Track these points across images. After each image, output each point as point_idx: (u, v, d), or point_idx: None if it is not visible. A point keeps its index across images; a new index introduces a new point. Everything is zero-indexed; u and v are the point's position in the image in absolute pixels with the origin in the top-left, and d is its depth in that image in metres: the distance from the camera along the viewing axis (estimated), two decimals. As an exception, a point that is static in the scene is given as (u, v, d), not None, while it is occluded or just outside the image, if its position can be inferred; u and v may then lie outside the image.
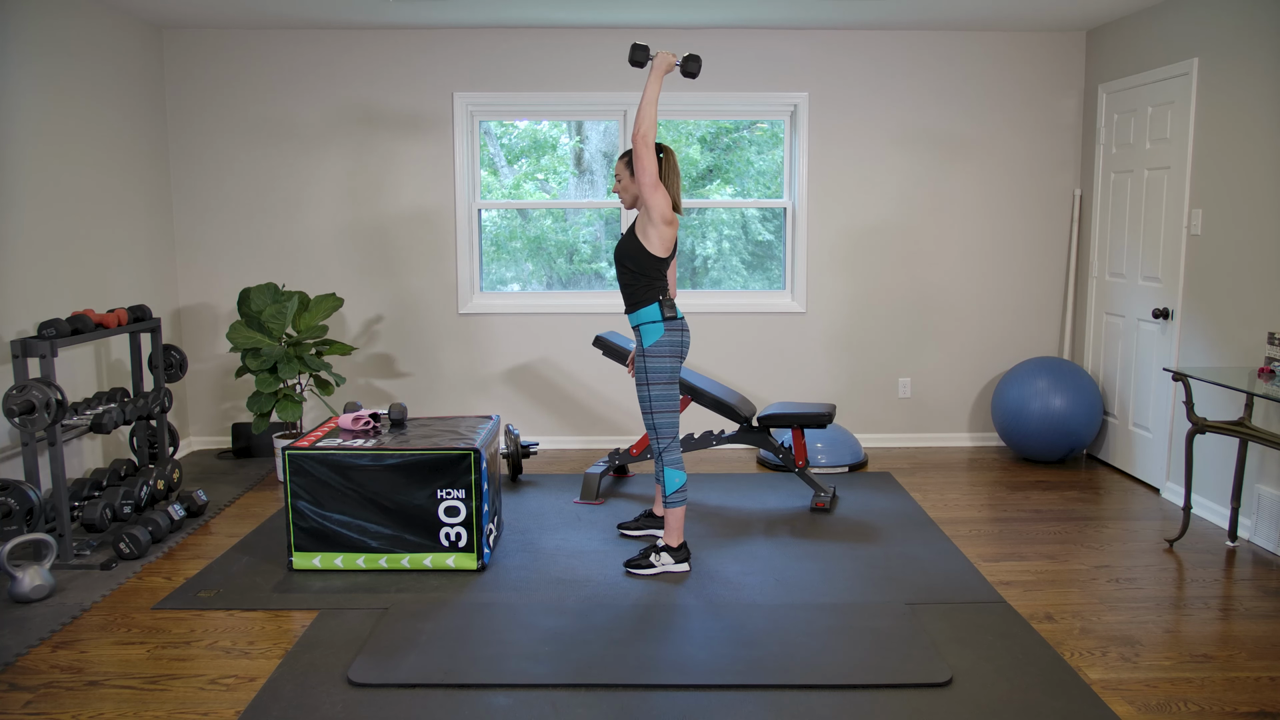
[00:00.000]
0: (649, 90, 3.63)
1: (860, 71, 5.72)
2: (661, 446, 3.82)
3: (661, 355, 3.78)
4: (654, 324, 3.78)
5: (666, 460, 3.81)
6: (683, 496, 3.82)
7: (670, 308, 3.80)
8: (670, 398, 3.82)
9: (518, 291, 6.09)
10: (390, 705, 2.82)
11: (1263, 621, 3.40)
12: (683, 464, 3.83)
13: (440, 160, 5.74)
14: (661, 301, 3.79)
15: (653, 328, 3.78)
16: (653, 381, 3.79)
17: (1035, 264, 5.88)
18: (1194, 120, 4.67)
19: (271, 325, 5.10)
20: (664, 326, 3.77)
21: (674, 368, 3.81)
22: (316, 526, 3.84)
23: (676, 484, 3.80)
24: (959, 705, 2.81)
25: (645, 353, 3.78)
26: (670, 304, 3.80)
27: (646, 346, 3.78)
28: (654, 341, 3.77)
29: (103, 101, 4.98)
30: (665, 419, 3.81)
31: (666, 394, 3.81)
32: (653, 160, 3.63)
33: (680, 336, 3.81)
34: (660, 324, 3.77)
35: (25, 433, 3.95)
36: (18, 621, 3.40)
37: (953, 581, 3.75)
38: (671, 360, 3.80)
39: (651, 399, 3.80)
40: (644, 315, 3.79)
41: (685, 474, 3.83)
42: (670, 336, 3.78)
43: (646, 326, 3.78)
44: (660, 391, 3.79)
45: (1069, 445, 5.37)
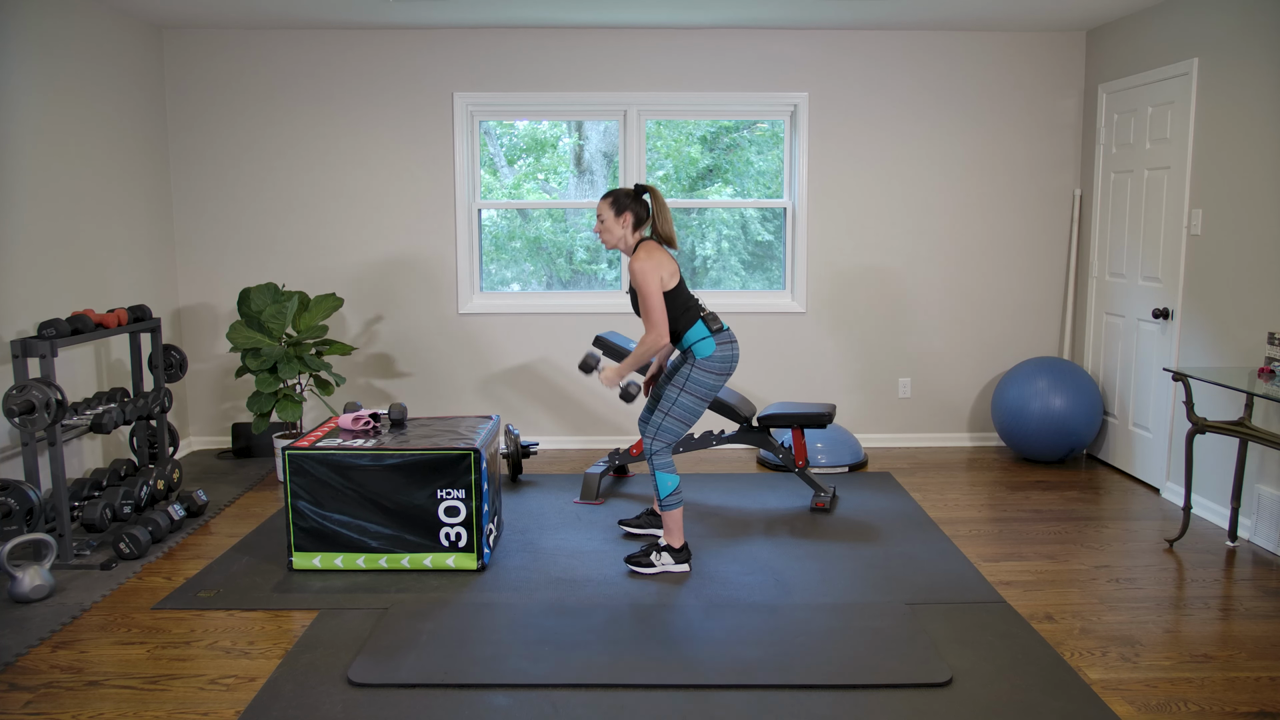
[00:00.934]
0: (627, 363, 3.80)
1: (860, 71, 5.72)
2: (655, 448, 3.80)
3: (711, 370, 3.76)
4: (704, 340, 3.76)
5: (657, 463, 3.80)
6: (678, 499, 3.81)
7: (714, 320, 3.79)
8: (693, 412, 3.80)
9: (517, 291, 6.09)
10: (390, 705, 2.82)
11: (1263, 621, 3.40)
12: (673, 466, 3.81)
13: (440, 160, 5.74)
14: (704, 318, 3.79)
15: (704, 344, 3.76)
16: (688, 390, 3.77)
17: (1035, 264, 5.88)
18: (1194, 120, 4.67)
19: (271, 325, 5.10)
20: (714, 340, 3.77)
21: (716, 386, 3.80)
22: (316, 526, 3.84)
23: (670, 487, 3.79)
24: (959, 705, 2.81)
25: (696, 364, 3.76)
26: (713, 316, 3.80)
27: (699, 359, 3.76)
28: (707, 355, 3.76)
29: (103, 101, 4.98)
30: (675, 424, 3.80)
31: (693, 407, 3.79)
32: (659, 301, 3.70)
33: (731, 350, 3.79)
34: (710, 338, 3.77)
35: (25, 433, 3.95)
36: (18, 621, 3.40)
37: (953, 581, 3.75)
38: (717, 378, 3.79)
39: (675, 403, 3.77)
40: (692, 337, 3.77)
41: (677, 476, 3.82)
42: (722, 351, 3.77)
43: (698, 344, 3.77)
44: (689, 401, 3.78)
45: (1069, 445, 5.37)
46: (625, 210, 3.76)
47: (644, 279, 3.64)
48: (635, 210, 3.76)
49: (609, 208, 3.77)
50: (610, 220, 3.77)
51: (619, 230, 3.77)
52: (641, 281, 3.65)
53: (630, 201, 3.76)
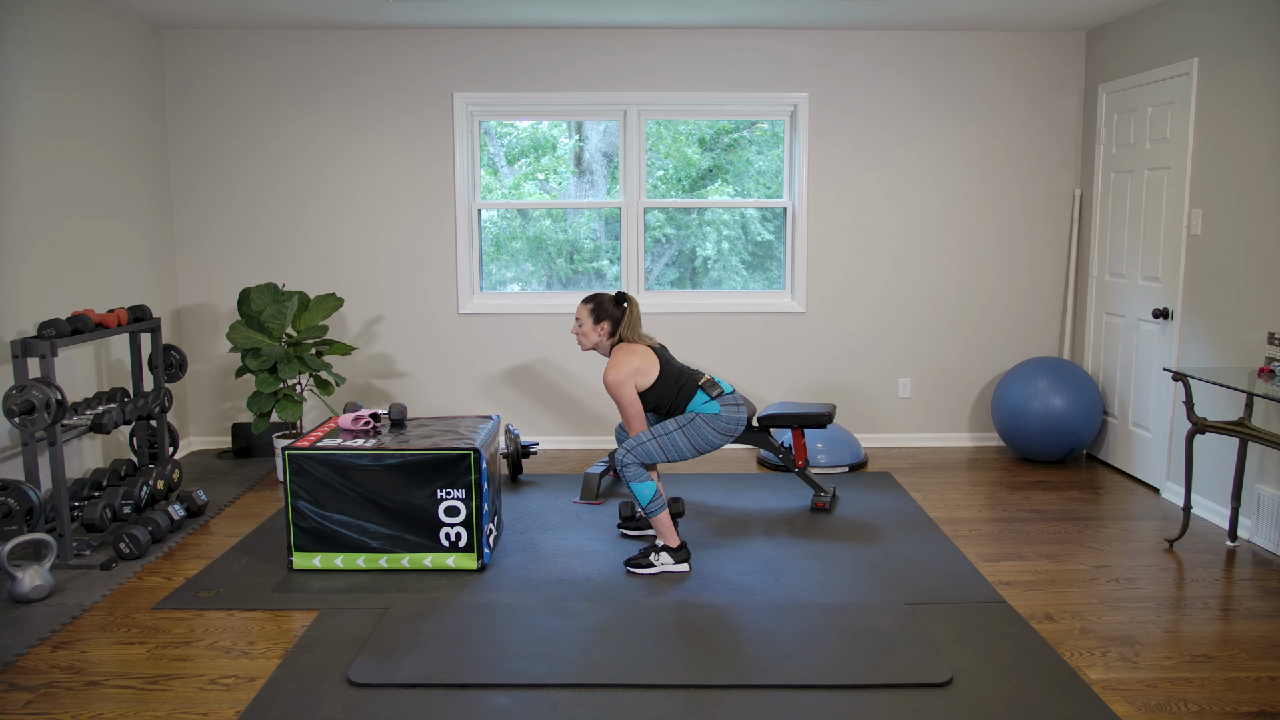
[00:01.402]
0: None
1: (860, 71, 5.72)
2: (626, 460, 3.80)
3: (713, 428, 3.85)
4: (706, 404, 3.85)
5: (628, 475, 3.80)
6: (660, 503, 3.81)
7: (713, 386, 3.88)
8: (679, 452, 3.86)
9: (518, 291, 6.09)
10: (390, 705, 2.82)
11: (1263, 621, 3.40)
12: (645, 474, 3.80)
13: (440, 160, 5.74)
14: (703, 386, 3.88)
15: (709, 406, 3.85)
16: (685, 431, 3.84)
17: (1035, 264, 5.88)
18: (1194, 120, 4.67)
19: (271, 325, 5.10)
20: (719, 404, 3.86)
21: (714, 443, 3.88)
22: (316, 526, 3.84)
23: (649, 495, 3.80)
24: (959, 705, 2.81)
25: (702, 416, 3.84)
26: (711, 383, 3.89)
27: (703, 414, 3.84)
28: (713, 413, 3.84)
29: (103, 101, 4.98)
30: (656, 451, 3.83)
31: (682, 448, 3.85)
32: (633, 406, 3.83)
33: (737, 414, 3.87)
34: (713, 402, 3.85)
35: (25, 433, 3.95)
36: (18, 621, 3.40)
37: (953, 581, 3.75)
38: (719, 436, 3.87)
39: (669, 435, 3.83)
40: (695, 407, 3.87)
41: (653, 482, 3.81)
42: (728, 412, 3.86)
43: (703, 407, 3.86)
44: (681, 440, 3.84)
45: (1069, 445, 5.37)
46: (604, 319, 3.91)
47: (617, 392, 3.82)
48: (614, 317, 3.91)
49: (589, 314, 3.92)
50: (589, 326, 3.93)
51: (595, 336, 3.94)
52: (616, 395, 3.83)
53: (611, 309, 3.91)
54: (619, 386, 3.80)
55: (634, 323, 3.93)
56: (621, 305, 3.92)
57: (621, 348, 3.89)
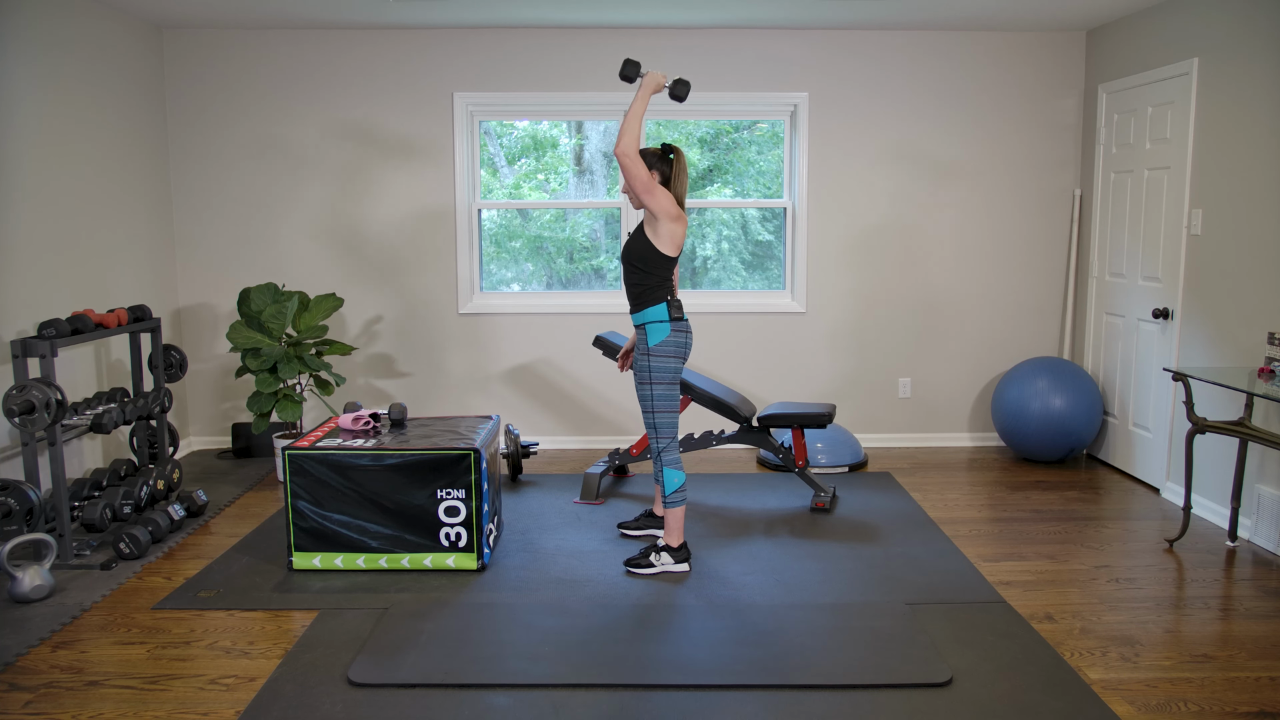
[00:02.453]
0: (635, 107, 3.64)
1: (860, 71, 5.72)
2: (660, 446, 3.82)
3: (666, 355, 3.79)
4: (660, 324, 3.78)
5: (665, 460, 3.81)
6: (682, 496, 3.82)
7: (678, 308, 3.81)
8: (671, 398, 3.82)
9: (518, 291, 6.09)
10: (390, 705, 2.82)
11: (1263, 621, 3.40)
12: (681, 464, 3.83)
13: (440, 160, 5.74)
14: (669, 301, 3.80)
15: (659, 327, 3.78)
16: (655, 381, 3.79)
17: (1035, 264, 5.88)
18: (1194, 120, 4.67)
19: (271, 325, 5.10)
20: (670, 327, 3.79)
21: (677, 368, 3.82)
22: (316, 526, 3.84)
23: (676, 484, 3.80)
24: (959, 705, 2.81)
25: (649, 352, 3.78)
26: (678, 305, 3.82)
27: (651, 345, 3.78)
28: (659, 341, 3.78)
29: (103, 101, 4.98)
30: (665, 419, 3.82)
31: (668, 394, 3.81)
32: (640, 168, 3.63)
33: (685, 338, 3.83)
34: (667, 324, 3.78)
35: (25, 433, 3.95)
36: (18, 621, 3.40)
37: (953, 581, 3.75)
38: (675, 361, 3.81)
39: (654, 398, 3.80)
40: (651, 315, 3.79)
41: (684, 474, 3.83)
42: (675, 337, 3.80)
43: (653, 325, 3.78)
44: (662, 391, 3.80)
45: (1069, 445, 5.36)
46: (653, 169, 3.79)
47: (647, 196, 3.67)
48: (662, 169, 3.80)
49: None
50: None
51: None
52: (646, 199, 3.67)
53: (657, 161, 3.80)
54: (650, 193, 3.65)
55: (680, 177, 3.80)
56: (668, 158, 3.81)
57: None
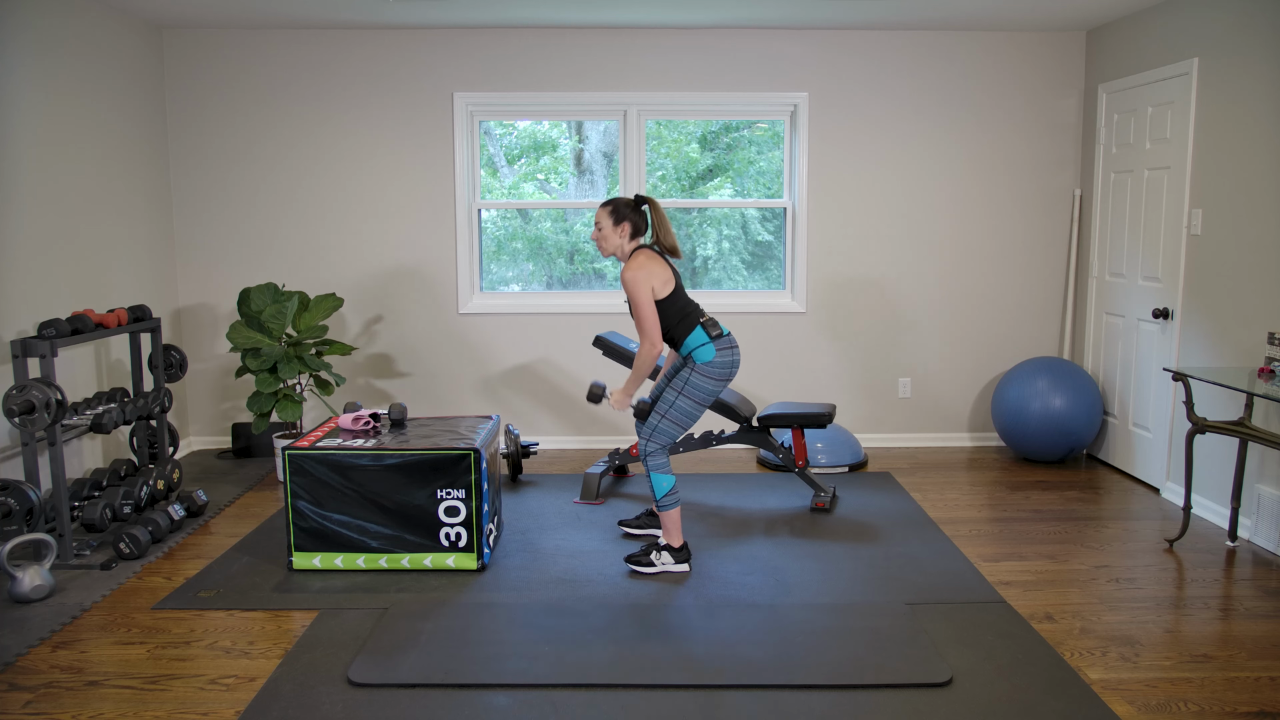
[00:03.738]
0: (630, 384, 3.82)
1: (860, 71, 5.72)
2: (649, 449, 3.80)
3: (710, 376, 3.77)
4: (704, 346, 3.77)
5: (651, 465, 3.80)
6: (675, 499, 3.81)
7: (714, 325, 3.80)
8: (690, 416, 3.81)
9: (518, 292, 6.09)
10: (390, 705, 2.82)
11: (1263, 621, 3.40)
12: (669, 467, 3.81)
13: (440, 160, 5.74)
14: (704, 323, 3.79)
15: (704, 349, 3.77)
16: (686, 394, 3.78)
17: (1035, 264, 5.88)
18: (1194, 120, 4.67)
19: (271, 325, 5.10)
20: (714, 346, 3.77)
21: (715, 391, 3.81)
22: (316, 526, 3.84)
23: (666, 488, 3.79)
24: (959, 705, 2.81)
25: (696, 369, 3.77)
26: (712, 322, 3.80)
27: (699, 364, 3.77)
28: (707, 360, 3.76)
29: (103, 101, 4.98)
30: (671, 427, 3.80)
31: (691, 410, 3.80)
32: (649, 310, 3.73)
33: (731, 356, 3.80)
34: (710, 344, 3.77)
35: (25, 433, 3.95)
36: (18, 621, 3.40)
37: (953, 581, 3.75)
38: (717, 384, 3.79)
39: (673, 406, 3.78)
40: (691, 343, 3.78)
41: (673, 476, 3.81)
42: (722, 356, 3.78)
43: (698, 350, 3.77)
44: (686, 405, 3.79)
45: (1069, 445, 5.36)
46: (624, 220, 3.78)
47: (634, 288, 3.68)
48: (633, 220, 3.79)
49: (607, 216, 3.80)
50: (608, 229, 3.80)
51: (616, 239, 3.80)
52: (632, 290, 3.69)
53: (629, 211, 3.79)
54: (635, 284, 3.66)
55: (663, 226, 3.79)
56: (640, 209, 3.81)
57: (643, 251, 3.78)
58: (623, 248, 3.81)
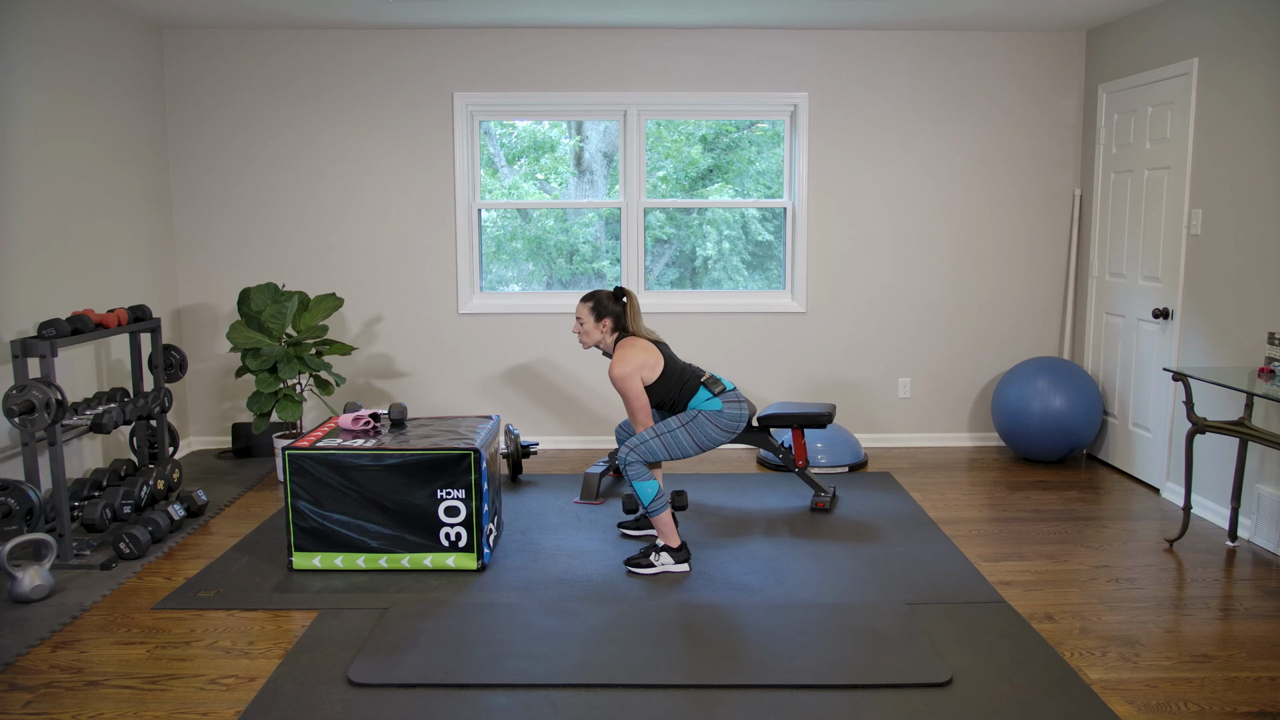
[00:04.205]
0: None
1: (860, 71, 5.72)
2: (629, 459, 3.79)
3: (716, 425, 3.85)
4: (709, 401, 3.85)
5: (631, 474, 3.79)
6: (662, 502, 3.81)
7: (716, 383, 3.88)
8: (683, 449, 3.86)
9: (518, 291, 6.09)
10: (390, 705, 2.82)
11: (1263, 621, 3.40)
12: (648, 473, 3.80)
13: (440, 160, 5.74)
14: (705, 383, 3.88)
15: (711, 403, 3.85)
16: (689, 429, 3.83)
17: (1035, 264, 5.88)
18: (1194, 120, 4.67)
19: (271, 325, 5.10)
20: (721, 400, 3.86)
21: (717, 440, 3.88)
22: (316, 526, 3.84)
23: (651, 494, 3.79)
24: (959, 705, 2.81)
25: (704, 414, 3.84)
26: (714, 380, 3.89)
27: (706, 411, 3.84)
28: (715, 410, 3.84)
29: (103, 101, 4.98)
30: (660, 449, 3.83)
31: (686, 445, 3.85)
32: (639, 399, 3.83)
33: (739, 410, 3.88)
34: (716, 399, 3.85)
35: (25, 433, 3.95)
36: (18, 621, 3.40)
37: (953, 581, 3.75)
38: (721, 433, 3.87)
39: (672, 433, 3.83)
40: (697, 404, 3.87)
41: (656, 481, 3.81)
42: (730, 409, 3.86)
43: (706, 404, 3.86)
44: (684, 438, 3.84)
45: (1069, 445, 5.36)
46: (605, 315, 3.90)
47: (624, 386, 3.81)
48: (614, 313, 3.90)
49: (589, 312, 3.90)
50: (590, 325, 3.91)
51: (597, 334, 3.92)
52: (623, 389, 3.82)
53: (610, 304, 3.90)
54: (626, 380, 3.80)
55: (635, 315, 3.93)
56: (620, 300, 3.92)
57: (626, 342, 3.89)
58: (605, 341, 3.93)
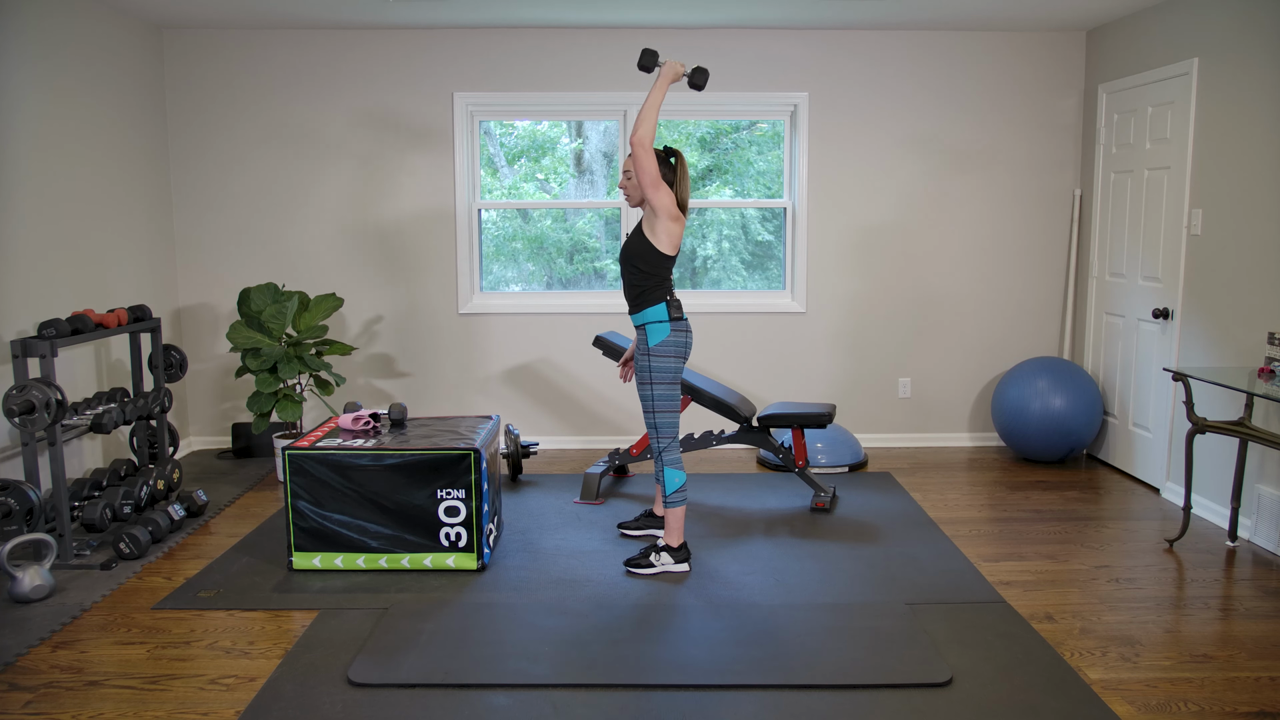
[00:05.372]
0: (653, 96, 3.63)
1: (860, 71, 5.72)
2: (661, 446, 3.82)
3: (666, 355, 3.78)
4: (660, 324, 3.78)
5: (666, 460, 3.81)
6: (682, 496, 3.82)
7: (677, 308, 3.81)
8: (672, 398, 3.82)
9: (518, 291, 6.09)
10: (390, 705, 2.82)
11: (1263, 621, 3.40)
12: (682, 464, 3.83)
13: (440, 160, 5.74)
14: (669, 301, 3.80)
15: (659, 327, 3.78)
16: (656, 381, 3.79)
17: (1035, 264, 5.88)
18: (1194, 120, 4.67)
19: (271, 325, 5.10)
20: (670, 326, 3.78)
21: (677, 368, 3.82)
22: (316, 526, 3.84)
23: (676, 484, 3.80)
24: (959, 705, 2.81)
25: (650, 352, 3.78)
26: (677, 304, 3.82)
27: (651, 346, 3.78)
28: (659, 341, 3.77)
29: (103, 101, 4.98)
30: (666, 418, 3.81)
31: (669, 394, 3.81)
32: (652, 161, 3.63)
33: (685, 337, 3.82)
34: (667, 324, 3.78)
35: (25, 433, 3.95)
36: (18, 621, 3.40)
37: (953, 581, 3.75)
38: (675, 360, 3.81)
39: (654, 398, 3.80)
40: (650, 315, 3.79)
41: (685, 474, 3.83)
42: (676, 337, 3.80)
43: (653, 326, 3.78)
44: (663, 391, 3.80)
45: (1069, 445, 5.36)
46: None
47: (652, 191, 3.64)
48: (663, 171, 3.77)
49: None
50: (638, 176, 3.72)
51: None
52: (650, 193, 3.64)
53: (660, 164, 3.77)
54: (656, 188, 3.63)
55: (683, 180, 3.80)
56: (670, 161, 3.79)
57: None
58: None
